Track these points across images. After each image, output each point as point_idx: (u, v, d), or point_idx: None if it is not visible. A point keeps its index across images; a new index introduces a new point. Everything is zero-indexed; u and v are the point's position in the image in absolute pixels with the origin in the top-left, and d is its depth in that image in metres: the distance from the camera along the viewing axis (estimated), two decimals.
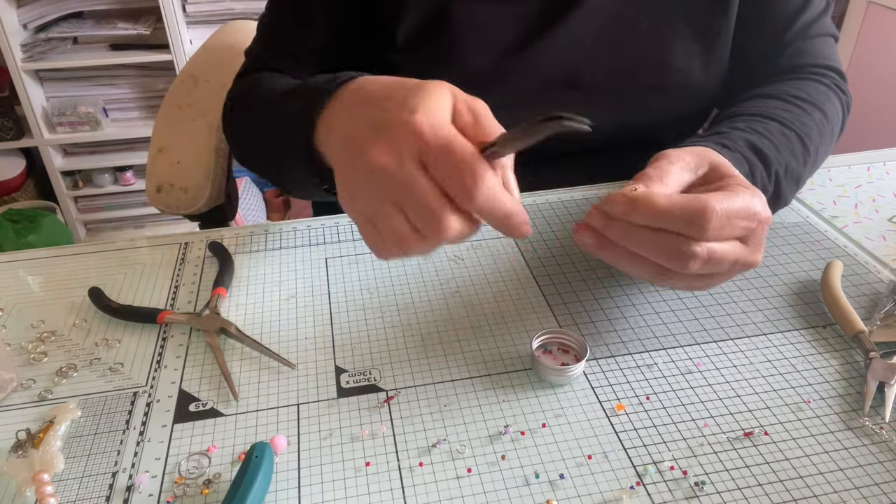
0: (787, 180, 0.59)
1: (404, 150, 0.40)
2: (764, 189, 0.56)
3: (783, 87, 0.67)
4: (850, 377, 0.50)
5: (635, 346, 0.53)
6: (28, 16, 1.99)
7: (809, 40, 0.72)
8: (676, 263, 0.44)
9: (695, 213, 0.42)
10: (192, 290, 0.61)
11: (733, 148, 0.56)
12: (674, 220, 0.43)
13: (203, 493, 0.43)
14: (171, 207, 0.91)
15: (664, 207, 0.43)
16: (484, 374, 0.51)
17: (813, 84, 0.69)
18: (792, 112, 0.63)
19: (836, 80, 0.71)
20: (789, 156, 0.59)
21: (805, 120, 0.63)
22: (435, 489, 0.43)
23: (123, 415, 0.49)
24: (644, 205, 0.43)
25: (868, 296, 0.58)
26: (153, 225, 2.43)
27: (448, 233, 0.40)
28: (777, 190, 0.58)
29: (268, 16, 0.75)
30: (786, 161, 0.59)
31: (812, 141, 0.62)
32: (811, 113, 0.64)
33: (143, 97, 2.18)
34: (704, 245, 0.43)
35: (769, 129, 0.60)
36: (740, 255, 0.45)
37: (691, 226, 0.43)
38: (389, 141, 0.40)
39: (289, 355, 0.53)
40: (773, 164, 0.57)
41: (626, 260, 0.46)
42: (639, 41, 0.71)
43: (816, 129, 0.64)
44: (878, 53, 2.06)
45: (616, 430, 0.46)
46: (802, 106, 0.64)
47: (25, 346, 0.55)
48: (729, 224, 0.43)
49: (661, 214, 0.43)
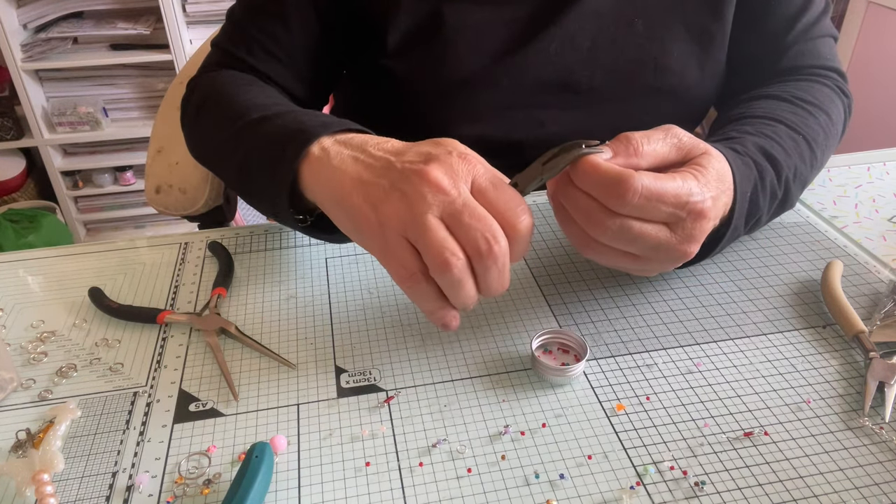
0: (796, 184, 0.59)
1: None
2: (773, 194, 0.55)
3: (787, 89, 0.67)
4: (850, 377, 0.50)
5: (635, 346, 0.53)
6: (28, 16, 1.99)
7: (811, 41, 0.72)
8: (590, 228, 0.44)
9: (614, 183, 0.42)
10: (192, 290, 0.61)
11: (744, 153, 0.55)
12: (596, 187, 0.43)
13: (203, 493, 0.43)
14: (169, 208, 0.91)
15: (593, 173, 0.43)
16: (484, 374, 0.51)
17: (817, 86, 0.68)
18: (799, 115, 0.63)
19: (837, 82, 0.71)
20: (798, 160, 0.59)
21: (812, 123, 0.62)
22: (435, 489, 0.43)
23: (123, 415, 0.49)
24: (582, 167, 0.43)
25: (868, 296, 0.58)
26: (153, 225, 2.43)
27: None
28: (786, 194, 0.58)
29: (239, 8, 0.71)
30: (795, 165, 0.58)
31: (819, 145, 0.62)
32: (817, 116, 0.64)
33: (143, 97, 2.18)
34: (618, 219, 0.43)
35: (778, 132, 0.59)
36: (663, 240, 0.45)
37: (609, 196, 0.43)
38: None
39: (289, 355, 0.53)
40: (784, 170, 0.56)
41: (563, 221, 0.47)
42: (635, 43, 0.71)
43: (823, 134, 0.63)
44: (878, 53, 2.06)
45: (616, 430, 0.46)
46: (808, 109, 0.64)
47: (25, 346, 0.55)
48: (650, 205, 0.43)
49: (589, 179, 0.43)
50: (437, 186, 0.41)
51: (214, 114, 0.62)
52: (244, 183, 0.57)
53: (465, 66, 0.69)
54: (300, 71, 0.70)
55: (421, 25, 0.68)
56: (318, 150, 0.48)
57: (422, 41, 0.69)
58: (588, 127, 0.74)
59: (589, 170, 0.43)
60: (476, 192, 0.42)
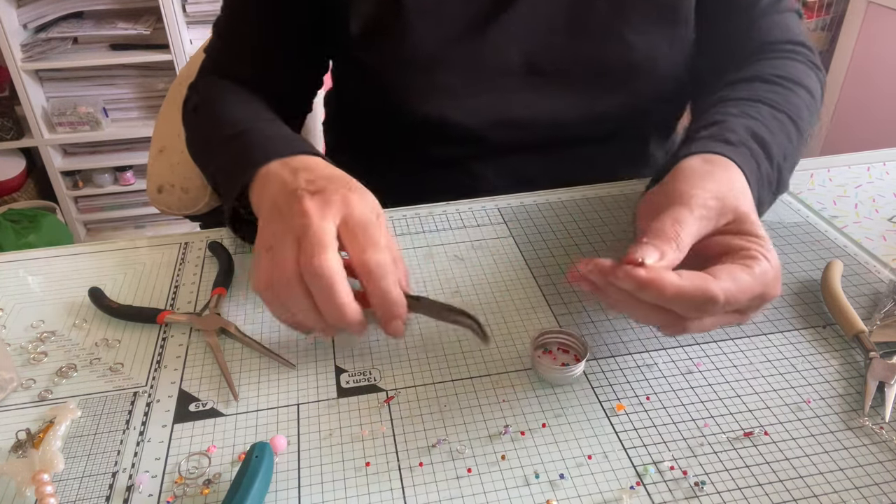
0: (787, 166, 0.58)
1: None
2: (769, 180, 0.55)
3: (761, 68, 0.65)
4: (850, 377, 0.50)
5: (635, 346, 0.53)
6: (28, 16, 1.99)
7: (779, 15, 0.71)
8: (669, 332, 0.46)
9: (701, 301, 0.42)
10: (192, 290, 0.61)
11: (737, 142, 0.54)
12: (678, 305, 0.43)
13: (203, 493, 0.43)
14: (171, 208, 0.91)
15: (671, 296, 0.42)
16: (484, 374, 0.51)
17: (790, 62, 0.67)
18: (779, 93, 0.62)
19: (808, 56, 0.70)
20: (786, 140, 0.58)
21: (793, 100, 0.62)
22: (435, 489, 0.43)
23: (123, 415, 0.49)
24: (652, 290, 0.42)
25: (868, 296, 0.58)
26: (153, 225, 2.43)
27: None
28: (779, 178, 0.57)
29: (223, 18, 0.75)
30: (784, 147, 0.57)
31: (803, 121, 0.61)
32: (797, 92, 0.63)
33: (143, 97, 2.18)
34: (699, 322, 0.44)
35: (762, 113, 0.58)
36: (731, 322, 0.46)
37: (694, 310, 0.43)
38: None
39: (289, 355, 0.53)
40: (775, 154, 0.56)
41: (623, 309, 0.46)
42: (599, 21, 0.69)
43: (805, 109, 0.62)
44: (878, 53, 2.06)
45: (616, 430, 0.46)
46: (787, 85, 0.63)
47: (25, 346, 0.55)
48: (732, 306, 0.43)
49: (666, 300, 0.42)
50: (302, 212, 0.48)
51: (201, 125, 0.70)
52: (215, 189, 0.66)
53: (427, 49, 0.69)
54: (284, 72, 0.74)
55: (382, 11, 0.69)
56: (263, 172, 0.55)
57: (383, 27, 0.69)
58: (556, 110, 0.74)
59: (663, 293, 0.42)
60: (342, 224, 0.48)
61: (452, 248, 0.65)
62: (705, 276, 0.43)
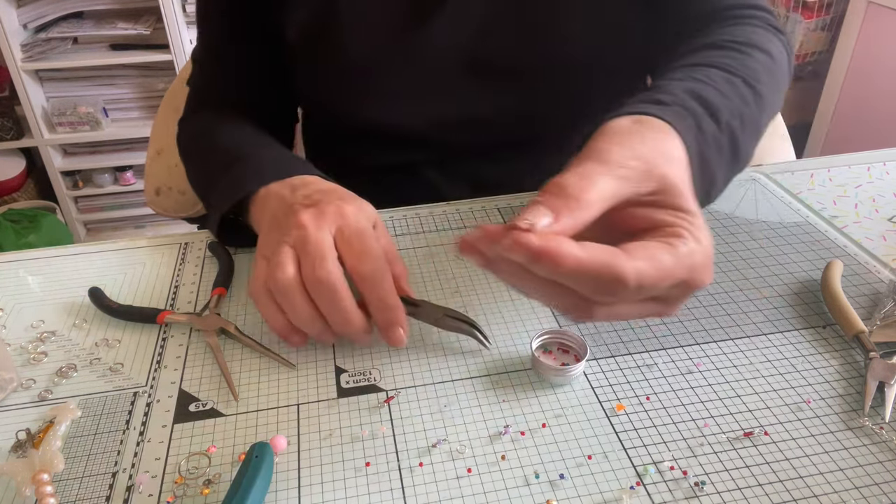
0: (746, 132, 0.52)
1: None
2: (717, 143, 0.49)
3: (715, 36, 0.61)
4: (850, 377, 0.50)
5: (635, 346, 0.53)
6: (28, 16, 1.99)
7: None
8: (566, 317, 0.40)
9: (608, 281, 0.35)
10: (192, 290, 0.61)
11: (671, 102, 0.47)
12: (579, 284, 0.36)
13: (203, 494, 0.43)
14: (169, 210, 0.91)
15: (570, 270, 0.35)
16: (484, 374, 0.51)
17: (748, 28, 0.62)
18: (733, 58, 0.56)
19: (768, 20, 0.65)
20: (740, 103, 0.52)
21: (749, 63, 0.56)
22: (435, 489, 0.43)
23: (123, 415, 0.49)
24: (546, 262, 0.34)
25: (868, 296, 0.58)
26: (153, 225, 2.43)
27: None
28: (734, 145, 0.51)
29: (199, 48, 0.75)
30: (739, 110, 0.51)
31: (763, 84, 0.56)
32: (754, 55, 0.58)
33: (143, 97, 2.18)
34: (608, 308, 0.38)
35: (710, 76, 0.53)
36: (651, 312, 0.40)
37: (599, 292, 0.36)
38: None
39: (289, 355, 0.53)
40: (723, 114, 0.50)
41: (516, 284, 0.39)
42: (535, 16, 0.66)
43: (765, 72, 0.57)
44: (878, 53, 2.06)
45: (616, 430, 0.46)
46: (743, 50, 0.58)
47: (25, 346, 0.55)
48: (648, 292, 0.37)
49: (564, 276, 0.35)
50: (299, 224, 0.50)
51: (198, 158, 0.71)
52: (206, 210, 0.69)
53: (362, 51, 0.69)
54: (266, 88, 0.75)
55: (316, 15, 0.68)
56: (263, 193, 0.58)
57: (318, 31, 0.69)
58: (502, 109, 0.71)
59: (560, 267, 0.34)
60: (337, 234, 0.49)
61: (452, 247, 0.65)
62: (615, 251, 0.35)
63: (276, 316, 0.50)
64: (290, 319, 0.50)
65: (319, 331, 0.50)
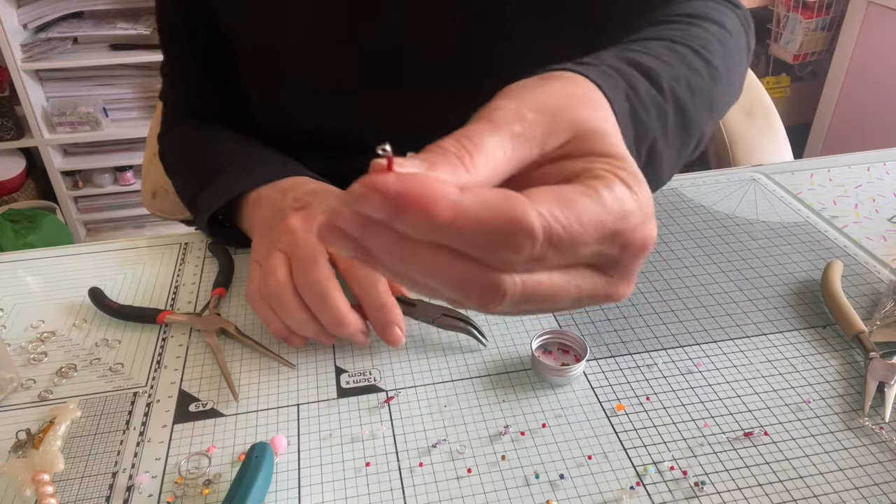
0: (697, 102, 0.46)
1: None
2: (660, 109, 0.43)
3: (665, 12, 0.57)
4: (850, 377, 0.50)
5: (635, 346, 0.53)
6: (28, 16, 1.99)
7: None
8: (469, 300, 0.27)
9: (505, 231, 0.25)
10: (192, 290, 0.61)
11: (599, 63, 0.40)
12: (466, 241, 0.25)
13: (203, 494, 0.43)
14: (166, 213, 0.91)
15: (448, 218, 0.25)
16: (484, 374, 0.51)
17: (699, 3, 0.57)
18: (679, 29, 0.52)
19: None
20: (686, 71, 0.47)
21: (696, 32, 0.52)
22: (435, 489, 0.43)
23: (123, 415, 0.49)
24: (414, 210, 0.24)
25: (868, 296, 0.58)
26: (153, 225, 2.43)
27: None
28: (682, 114, 0.45)
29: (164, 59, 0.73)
30: (685, 77, 0.46)
31: (715, 55, 0.51)
32: (702, 26, 0.53)
33: (143, 97, 2.18)
34: (516, 278, 0.27)
35: (648, 46, 0.48)
36: (590, 289, 0.29)
37: (494, 250, 0.25)
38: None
39: (289, 355, 0.53)
40: (664, 80, 0.44)
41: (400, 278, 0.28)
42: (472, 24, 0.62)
43: (717, 42, 0.52)
44: (878, 53, 2.06)
45: (616, 431, 0.46)
46: (691, 21, 0.54)
47: (25, 346, 0.55)
48: (568, 249, 0.27)
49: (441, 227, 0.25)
50: (289, 228, 0.50)
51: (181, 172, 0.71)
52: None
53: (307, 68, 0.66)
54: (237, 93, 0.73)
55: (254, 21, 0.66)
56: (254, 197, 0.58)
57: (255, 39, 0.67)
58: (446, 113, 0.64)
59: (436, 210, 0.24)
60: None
61: None
62: (511, 192, 0.26)
63: (272, 320, 0.51)
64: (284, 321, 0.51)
65: (315, 333, 0.50)
